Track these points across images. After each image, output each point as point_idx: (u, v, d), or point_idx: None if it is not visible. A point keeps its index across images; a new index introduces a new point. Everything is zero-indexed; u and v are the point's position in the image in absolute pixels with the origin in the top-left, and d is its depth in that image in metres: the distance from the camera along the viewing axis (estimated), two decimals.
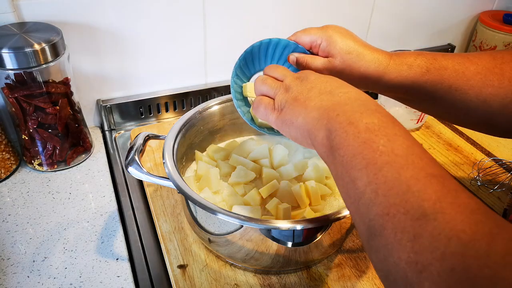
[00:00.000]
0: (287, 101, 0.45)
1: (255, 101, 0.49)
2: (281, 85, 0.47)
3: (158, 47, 0.82)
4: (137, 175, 0.54)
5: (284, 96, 0.45)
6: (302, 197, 0.59)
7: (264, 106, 0.47)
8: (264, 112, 0.47)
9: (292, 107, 0.44)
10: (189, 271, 0.56)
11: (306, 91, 0.44)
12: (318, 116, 0.40)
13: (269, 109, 0.46)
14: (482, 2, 1.10)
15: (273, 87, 0.47)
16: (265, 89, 0.48)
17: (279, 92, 0.46)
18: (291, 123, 0.44)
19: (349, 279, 0.57)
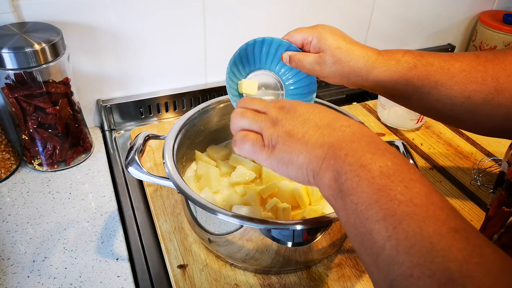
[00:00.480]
0: (280, 136, 0.40)
1: (237, 137, 0.44)
2: (266, 118, 0.43)
3: (158, 47, 0.82)
4: (137, 175, 0.54)
5: (275, 131, 0.41)
6: (302, 197, 0.59)
7: (251, 143, 0.42)
8: (252, 149, 0.42)
9: (288, 144, 0.40)
10: (189, 271, 0.56)
11: (300, 124, 0.40)
12: (323, 155, 0.37)
13: (258, 146, 0.42)
14: (482, 2, 1.10)
15: (256, 120, 0.43)
16: (246, 123, 0.43)
17: (265, 126, 0.42)
18: (289, 162, 0.40)
19: (349, 279, 0.57)
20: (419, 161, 0.79)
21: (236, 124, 0.45)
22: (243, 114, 0.44)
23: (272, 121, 0.42)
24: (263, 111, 0.44)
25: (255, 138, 0.42)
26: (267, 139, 0.41)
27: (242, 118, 0.44)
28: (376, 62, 0.54)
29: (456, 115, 0.54)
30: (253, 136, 0.42)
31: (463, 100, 0.52)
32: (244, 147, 0.43)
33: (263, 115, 0.43)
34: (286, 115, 0.42)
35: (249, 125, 0.43)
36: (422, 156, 0.81)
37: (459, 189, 0.73)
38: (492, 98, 0.51)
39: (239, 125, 0.44)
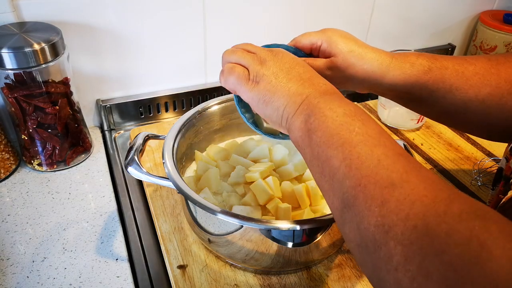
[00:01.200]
0: (265, 75, 0.44)
1: (225, 68, 0.47)
2: (254, 56, 0.46)
3: (158, 47, 0.82)
4: (136, 175, 0.54)
5: (261, 68, 0.44)
6: (303, 197, 0.59)
7: (237, 75, 0.45)
8: (237, 81, 0.45)
9: (272, 85, 0.43)
10: (189, 271, 0.56)
11: (286, 70, 0.44)
12: (300, 101, 0.41)
13: (243, 79, 0.45)
14: (482, 2, 1.10)
15: (245, 56, 0.46)
16: (234, 58, 0.47)
17: (253, 62, 0.45)
18: (269, 101, 0.43)
19: (349, 280, 0.56)
20: (419, 161, 0.79)
21: (225, 59, 0.48)
22: (233, 51, 0.48)
23: (260, 60, 0.45)
24: (253, 51, 0.47)
25: (241, 71, 0.45)
26: (253, 74, 0.44)
27: (231, 54, 0.47)
28: (390, 65, 0.52)
29: (470, 120, 0.54)
30: (239, 69, 0.45)
31: (477, 104, 0.52)
32: (230, 78, 0.46)
33: (252, 53, 0.47)
34: (274, 58, 0.45)
35: (237, 59, 0.46)
36: (422, 156, 0.81)
37: (460, 189, 0.72)
38: (505, 102, 0.51)
39: (227, 59, 0.48)
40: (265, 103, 0.43)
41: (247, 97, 0.45)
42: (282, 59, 0.45)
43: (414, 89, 0.53)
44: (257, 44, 0.58)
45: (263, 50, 0.47)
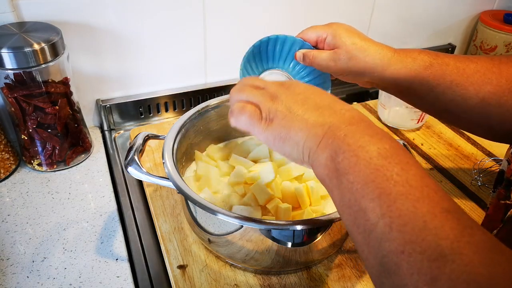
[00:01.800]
0: (278, 111, 0.40)
1: (235, 108, 0.43)
2: (265, 93, 0.42)
3: (158, 47, 0.82)
4: (136, 175, 0.54)
5: (273, 105, 0.41)
6: (303, 197, 0.59)
7: (248, 115, 0.41)
8: (249, 121, 0.41)
9: (288, 119, 0.39)
10: (189, 271, 0.56)
11: (300, 102, 0.40)
12: (322, 134, 0.37)
13: (255, 118, 0.41)
14: (482, 2, 1.10)
15: (255, 94, 0.42)
16: (244, 96, 0.43)
17: (264, 99, 0.41)
18: (286, 138, 0.39)
19: (349, 280, 0.56)
20: (420, 161, 0.79)
21: (234, 97, 0.44)
22: (242, 88, 0.44)
23: (271, 96, 0.42)
24: (262, 87, 0.44)
25: (253, 110, 0.41)
26: (266, 112, 0.41)
27: (240, 92, 0.44)
28: (392, 59, 0.54)
29: (470, 118, 0.54)
30: (251, 108, 0.42)
31: (478, 101, 0.52)
32: (241, 118, 0.42)
33: (262, 89, 0.43)
34: (286, 91, 0.42)
35: (247, 97, 0.43)
36: (422, 156, 0.80)
37: (460, 189, 0.73)
38: (506, 101, 0.51)
39: (237, 98, 0.44)
40: (282, 140, 0.40)
41: (262, 138, 0.41)
42: (294, 90, 0.41)
43: (414, 84, 0.54)
44: (254, 36, 0.60)
45: (273, 84, 0.43)
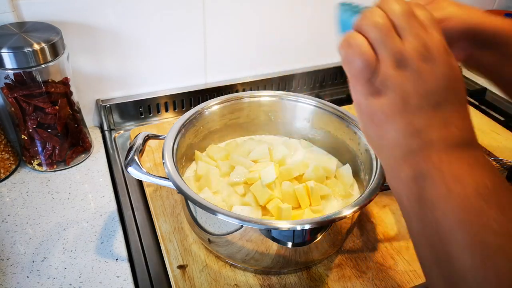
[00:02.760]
0: (394, 88, 0.31)
1: (355, 40, 0.32)
2: (397, 48, 0.31)
3: (158, 47, 0.82)
4: (136, 175, 0.54)
5: (393, 75, 0.31)
6: (303, 197, 0.59)
7: (363, 64, 0.31)
8: (358, 72, 0.32)
9: (392, 108, 0.31)
10: (189, 271, 0.56)
11: (424, 94, 0.30)
12: (416, 148, 0.31)
13: (365, 75, 0.32)
14: (482, 2, 1.10)
15: (388, 43, 0.31)
16: (374, 34, 0.31)
17: (389, 59, 0.31)
18: (377, 124, 0.32)
19: (349, 280, 0.56)
20: None
21: (364, 22, 0.32)
22: (379, 20, 0.31)
23: (400, 60, 0.31)
24: (404, 35, 0.31)
25: (371, 61, 0.31)
26: (381, 77, 0.31)
27: (375, 24, 0.31)
28: None
29: None
30: (370, 57, 0.31)
31: None
32: (354, 60, 0.32)
33: (397, 39, 0.31)
34: (418, 69, 0.30)
35: (375, 38, 0.31)
36: None
37: None
38: None
39: (365, 28, 0.32)
40: (372, 123, 0.33)
41: (355, 98, 0.34)
42: (430, 74, 0.31)
43: None
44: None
45: (418, 42, 0.31)
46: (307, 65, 0.99)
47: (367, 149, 0.61)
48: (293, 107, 0.71)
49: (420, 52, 0.31)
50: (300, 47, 0.95)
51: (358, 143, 0.64)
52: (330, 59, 1.01)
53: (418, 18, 0.31)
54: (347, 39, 0.33)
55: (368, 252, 0.60)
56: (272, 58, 0.94)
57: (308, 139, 0.73)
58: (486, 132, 0.87)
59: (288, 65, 0.97)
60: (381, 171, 0.55)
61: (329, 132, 0.70)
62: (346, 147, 0.67)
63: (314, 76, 1.00)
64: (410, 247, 0.61)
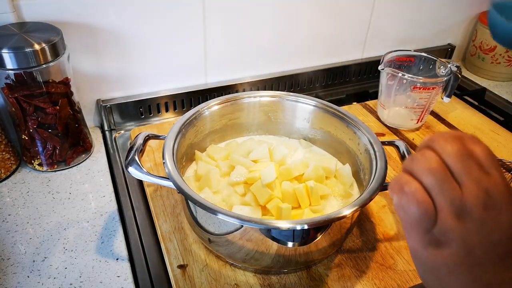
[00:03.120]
0: (455, 239, 0.28)
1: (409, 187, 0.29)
2: (455, 197, 0.28)
3: (158, 47, 0.82)
4: (137, 175, 0.54)
5: (453, 226, 0.28)
6: (303, 197, 0.59)
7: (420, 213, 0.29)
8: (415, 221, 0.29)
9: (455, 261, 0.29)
10: (189, 271, 0.56)
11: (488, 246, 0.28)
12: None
13: (423, 225, 0.29)
14: (482, 2, 1.10)
15: (444, 191, 0.28)
16: (429, 181, 0.29)
17: (447, 209, 0.28)
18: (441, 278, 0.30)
19: (349, 279, 0.57)
20: None
21: (417, 166, 0.30)
22: (433, 165, 0.29)
23: (461, 208, 0.28)
24: (462, 181, 0.28)
25: (430, 211, 0.29)
26: (440, 228, 0.29)
27: (429, 170, 0.29)
28: None
29: None
30: (428, 206, 0.29)
31: None
32: (409, 208, 0.29)
33: (455, 186, 0.28)
34: (483, 213, 0.28)
35: (431, 185, 0.29)
36: None
37: None
38: None
39: (418, 173, 0.30)
40: (432, 274, 0.30)
41: (412, 245, 0.31)
42: (494, 223, 0.28)
43: None
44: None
45: (477, 189, 0.28)
46: (307, 65, 0.99)
47: (367, 149, 0.61)
48: (293, 107, 0.71)
49: (481, 199, 0.28)
50: (300, 48, 0.96)
51: (357, 143, 0.64)
52: (330, 59, 1.01)
53: (475, 156, 0.29)
54: (399, 184, 0.30)
55: (368, 252, 0.60)
56: (272, 58, 0.94)
57: (308, 139, 0.73)
58: (486, 132, 0.87)
59: (288, 65, 0.97)
60: (380, 171, 0.55)
61: (329, 132, 0.70)
62: (346, 147, 0.67)
63: (314, 76, 1.00)
64: None
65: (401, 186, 0.30)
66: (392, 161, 0.77)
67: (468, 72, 1.15)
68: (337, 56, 1.02)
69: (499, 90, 1.07)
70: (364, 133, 0.63)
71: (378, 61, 0.83)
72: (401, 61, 0.87)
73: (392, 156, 0.78)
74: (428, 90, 0.80)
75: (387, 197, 0.70)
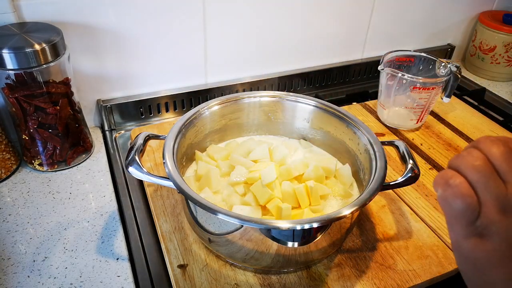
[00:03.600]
0: (500, 233, 0.29)
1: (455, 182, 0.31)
2: (501, 192, 0.29)
3: (159, 47, 0.82)
4: (137, 175, 0.54)
5: (499, 221, 0.29)
6: (303, 197, 0.59)
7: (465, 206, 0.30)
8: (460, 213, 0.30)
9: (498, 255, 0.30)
10: (189, 271, 0.57)
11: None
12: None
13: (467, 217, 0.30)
14: (481, 2, 1.10)
15: (489, 187, 0.30)
16: (476, 177, 0.30)
17: (493, 203, 0.29)
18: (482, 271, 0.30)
19: (349, 279, 0.57)
20: (419, 161, 0.79)
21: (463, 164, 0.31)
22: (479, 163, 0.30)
23: (506, 204, 0.29)
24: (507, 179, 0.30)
25: (474, 204, 0.30)
26: (485, 222, 0.30)
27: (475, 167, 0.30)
28: None
29: None
30: (472, 200, 0.30)
31: None
32: (454, 201, 0.30)
33: (500, 183, 0.30)
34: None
35: (477, 181, 0.30)
36: (422, 156, 0.81)
37: None
38: None
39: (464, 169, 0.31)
40: (473, 266, 0.31)
41: (454, 238, 0.32)
42: None
43: None
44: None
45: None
46: (307, 65, 0.99)
47: (367, 149, 0.61)
48: (293, 107, 0.71)
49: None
50: (300, 48, 0.96)
51: (357, 143, 0.64)
52: (330, 59, 1.01)
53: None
54: (445, 178, 0.31)
55: (368, 252, 0.60)
56: (272, 58, 0.94)
57: (308, 139, 0.74)
58: (485, 132, 0.87)
59: (288, 65, 0.97)
60: (380, 171, 0.56)
61: (329, 132, 0.70)
62: (346, 147, 0.67)
63: (314, 76, 1.00)
64: (409, 247, 0.62)
65: (446, 179, 0.31)
66: (392, 161, 0.77)
67: (467, 72, 1.15)
68: (337, 56, 1.02)
69: (498, 90, 1.07)
70: (364, 133, 0.63)
71: (378, 61, 0.83)
72: (401, 61, 0.87)
73: (392, 156, 0.78)
74: (427, 90, 0.80)
75: (387, 197, 0.70)
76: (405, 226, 0.65)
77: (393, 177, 0.74)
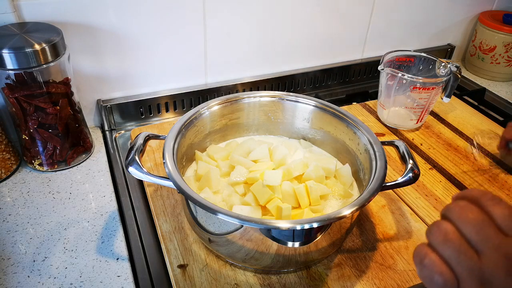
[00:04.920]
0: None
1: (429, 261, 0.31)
2: (475, 265, 0.29)
3: (159, 47, 0.82)
4: (137, 175, 0.54)
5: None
6: (303, 197, 0.59)
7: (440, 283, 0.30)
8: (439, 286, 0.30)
9: None
10: (189, 271, 0.57)
11: None
12: None
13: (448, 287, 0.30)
14: (481, 2, 1.10)
15: (462, 261, 0.29)
16: (448, 253, 0.30)
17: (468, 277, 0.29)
18: None
19: (348, 279, 0.57)
20: (419, 161, 0.79)
21: (433, 238, 0.31)
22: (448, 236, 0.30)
23: (482, 277, 0.29)
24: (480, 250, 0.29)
25: (450, 283, 0.29)
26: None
27: (445, 241, 0.30)
28: None
29: None
30: (447, 278, 0.29)
31: None
32: (432, 279, 0.30)
33: (473, 256, 0.29)
34: (507, 280, 0.28)
35: (448, 257, 0.30)
36: (422, 156, 0.81)
37: (459, 189, 0.73)
38: None
39: (435, 244, 0.31)
40: None
41: None
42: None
43: None
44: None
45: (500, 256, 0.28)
46: (307, 66, 0.99)
47: (367, 149, 0.61)
48: (293, 107, 0.71)
49: (501, 265, 0.28)
50: (300, 48, 0.96)
51: (357, 143, 0.64)
52: (330, 59, 1.01)
53: (493, 219, 0.29)
54: (419, 256, 0.31)
55: (368, 252, 0.60)
56: (272, 58, 0.94)
57: (308, 139, 0.74)
58: (485, 132, 0.87)
59: (288, 65, 0.97)
60: (380, 171, 0.56)
61: (329, 132, 0.70)
62: (346, 147, 0.67)
63: (314, 76, 1.00)
64: (409, 247, 0.62)
65: (420, 258, 0.31)
66: (392, 161, 0.77)
67: (467, 72, 1.15)
68: (337, 56, 1.02)
69: (498, 90, 1.07)
70: (364, 133, 0.63)
71: (378, 61, 0.83)
72: (401, 61, 0.87)
73: (392, 156, 0.79)
74: (427, 90, 0.80)
75: (387, 197, 0.70)
76: (405, 226, 0.65)
77: (393, 177, 0.74)
